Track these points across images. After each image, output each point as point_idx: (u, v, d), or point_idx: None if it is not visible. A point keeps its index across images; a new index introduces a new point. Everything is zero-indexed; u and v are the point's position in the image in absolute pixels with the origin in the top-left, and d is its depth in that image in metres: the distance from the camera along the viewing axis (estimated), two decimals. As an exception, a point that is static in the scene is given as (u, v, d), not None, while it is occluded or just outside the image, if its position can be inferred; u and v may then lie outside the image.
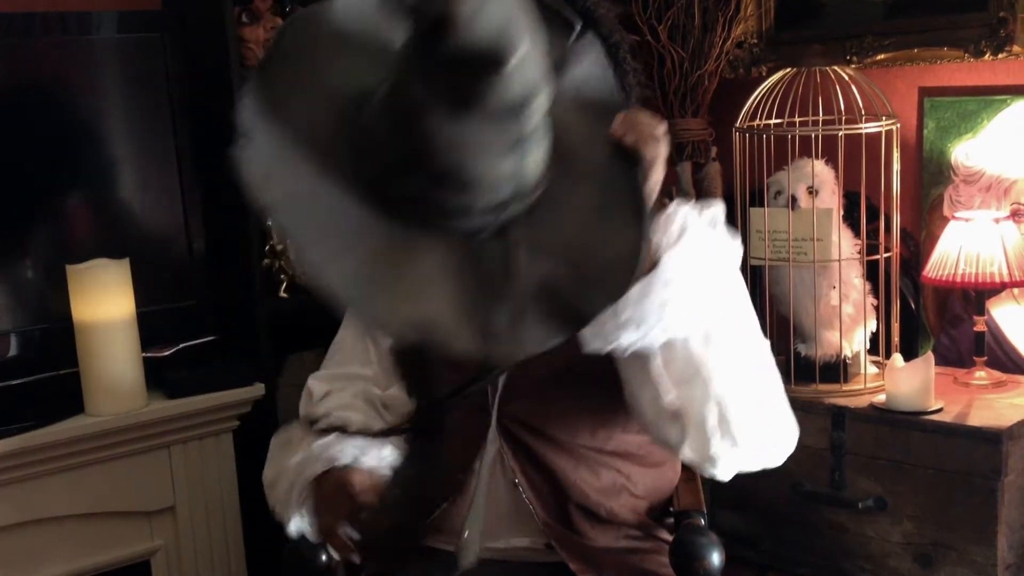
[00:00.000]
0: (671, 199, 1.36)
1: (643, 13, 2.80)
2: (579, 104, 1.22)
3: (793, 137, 2.37)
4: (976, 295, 2.38)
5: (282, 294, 2.47)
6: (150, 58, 2.34)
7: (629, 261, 1.14)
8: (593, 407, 1.57)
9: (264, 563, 2.38)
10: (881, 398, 2.29)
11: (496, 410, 1.57)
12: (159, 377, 2.29)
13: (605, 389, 1.56)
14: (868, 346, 2.45)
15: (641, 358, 1.33)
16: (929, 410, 2.22)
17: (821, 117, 2.34)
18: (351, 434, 1.52)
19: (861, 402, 2.31)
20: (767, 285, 2.43)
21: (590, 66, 1.27)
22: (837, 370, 2.39)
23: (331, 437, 1.52)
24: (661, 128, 1.24)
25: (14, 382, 2.15)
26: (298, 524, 1.52)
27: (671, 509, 1.72)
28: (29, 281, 2.24)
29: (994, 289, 2.37)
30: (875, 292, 2.42)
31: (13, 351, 2.20)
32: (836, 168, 2.36)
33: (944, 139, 2.55)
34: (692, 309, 1.30)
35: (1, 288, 2.21)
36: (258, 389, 2.34)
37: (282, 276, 2.47)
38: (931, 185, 2.58)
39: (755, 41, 2.88)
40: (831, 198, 2.38)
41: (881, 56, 2.65)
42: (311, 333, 1.87)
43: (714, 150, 2.83)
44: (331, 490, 1.45)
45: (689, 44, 2.84)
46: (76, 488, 2.17)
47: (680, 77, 2.85)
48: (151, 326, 2.26)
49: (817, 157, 2.37)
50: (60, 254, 2.23)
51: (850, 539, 2.31)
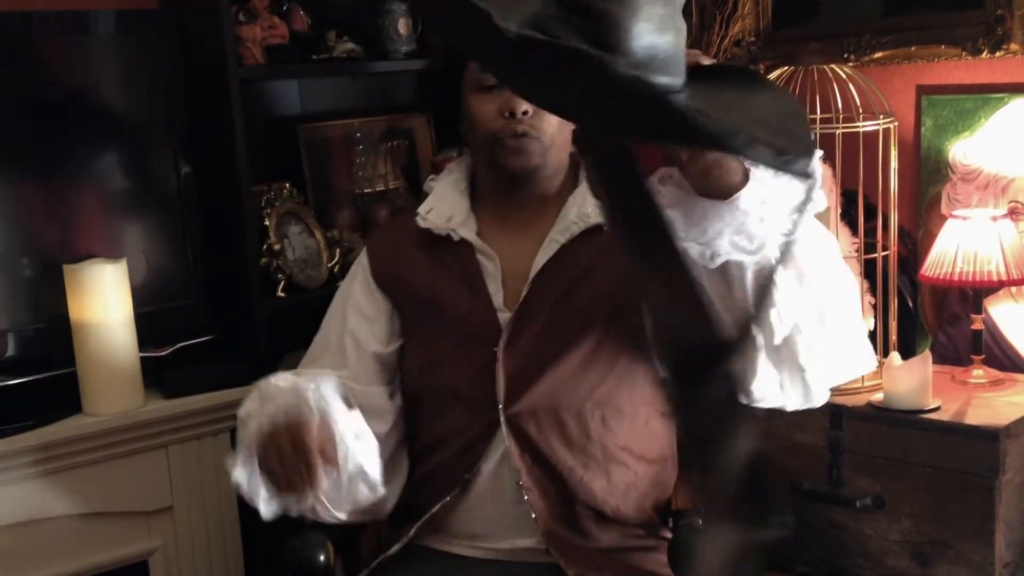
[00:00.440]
0: None
1: (640, 11, 2.80)
2: None
3: (791, 135, 2.37)
4: (974, 293, 2.38)
5: (280, 293, 2.47)
6: (147, 57, 2.34)
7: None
8: (602, 400, 1.57)
9: (262, 563, 2.38)
10: (879, 396, 2.29)
11: (503, 410, 1.57)
12: (157, 377, 2.29)
13: (616, 379, 1.56)
14: (866, 345, 2.45)
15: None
16: (927, 408, 2.22)
17: (819, 115, 2.34)
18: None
19: (859, 400, 2.31)
20: (765, 283, 2.42)
21: None
22: (835, 368, 2.39)
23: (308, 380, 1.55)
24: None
25: (11, 382, 2.14)
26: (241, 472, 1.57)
27: (671, 508, 1.73)
28: (26, 281, 2.23)
29: (992, 287, 2.37)
30: (873, 290, 2.42)
31: (10, 351, 2.19)
32: (833, 166, 2.35)
33: (942, 137, 2.55)
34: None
35: (-2, 288, 2.21)
36: (256, 388, 2.33)
37: (280, 275, 2.46)
38: (929, 183, 2.58)
39: (753, 39, 2.88)
40: (828, 196, 2.37)
41: (879, 54, 2.65)
42: (309, 332, 1.87)
43: (712, 149, 2.83)
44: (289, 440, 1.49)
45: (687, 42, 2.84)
46: (74, 488, 2.16)
47: (678, 75, 2.85)
48: (149, 325, 2.25)
49: (815, 155, 2.37)
50: (57, 253, 2.22)
51: (848, 537, 2.31)
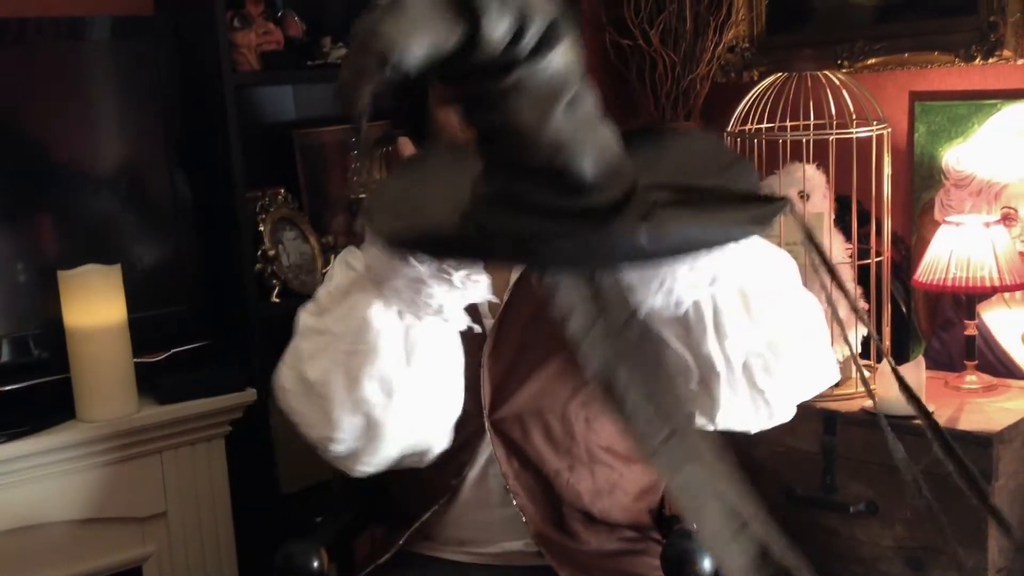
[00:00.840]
0: None
1: (635, 17, 2.81)
2: None
3: (784, 141, 2.38)
4: (967, 299, 2.38)
5: (274, 299, 2.46)
6: (143, 63, 2.33)
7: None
8: (587, 400, 1.57)
9: (256, 570, 2.38)
10: (871, 403, 2.29)
11: (488, 416, 1.57)
12: (151, 382, 2.28)
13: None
14: (859, 350, 2.46)
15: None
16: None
17: (812, 121, 2.34)
18: None
19: (852, 406, 2.31)
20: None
21: None
22: (828, 374, 2.39)
23: None
24: None
25: (5, 388, 2.13)
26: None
27: (664, 513, 1.73)
28: (20, 286, 2.23)
29: (985, 293, 2.38)
30: (866, 296, 2.42)
31: (5, 357, 2.19)
32: (827, 172, 2.36)
33: (935, 143, 2.56)
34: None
35: (-8, 293, 2.21)
36: (250, 394, 2.33)
37: (274, 281, 2.46)
38: (922, 189, 2.59)
39: (747, 45, 2.89)
40: (822, 202, 2.38)
41: (872, 60, 2.66)
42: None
43: (706, 154, 2.83)
44: None
45: (681, 48, 2.85)
46: (67, 494, 2.16)
47: (672, 81, 2.86)
48: (143, 331, 2.25)
49: (808, 161, 2.37)
50: (51, 259, 2.22)
51: (841, 543, 2.31)
